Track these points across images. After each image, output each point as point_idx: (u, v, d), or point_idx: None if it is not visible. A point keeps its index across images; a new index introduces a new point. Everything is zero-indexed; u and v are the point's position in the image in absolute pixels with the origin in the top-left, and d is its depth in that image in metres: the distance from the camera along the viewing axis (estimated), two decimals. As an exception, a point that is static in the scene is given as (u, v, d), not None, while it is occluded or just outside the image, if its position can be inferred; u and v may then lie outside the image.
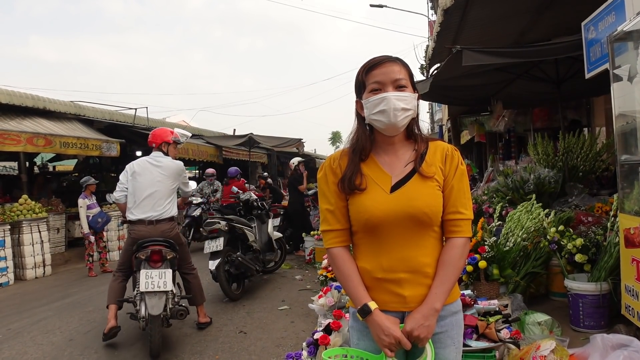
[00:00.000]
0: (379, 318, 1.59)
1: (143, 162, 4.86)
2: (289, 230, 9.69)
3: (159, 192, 4.71)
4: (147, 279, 4.31)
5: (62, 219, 10.49)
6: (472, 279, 4.22)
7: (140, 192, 4.70)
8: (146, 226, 4.62)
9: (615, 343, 2.91)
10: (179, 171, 4.92)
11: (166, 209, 4.73)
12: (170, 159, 4.92)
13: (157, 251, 4.46)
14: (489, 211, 5.75)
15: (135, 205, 4.69)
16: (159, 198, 4.69)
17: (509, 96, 8.71)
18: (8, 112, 9.72)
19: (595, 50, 4.28)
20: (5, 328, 5.57)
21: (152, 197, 4.67)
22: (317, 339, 3.13)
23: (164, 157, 4.90)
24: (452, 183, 1.68)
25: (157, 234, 4.61)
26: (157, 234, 4.61)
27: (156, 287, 4.29)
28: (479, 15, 6.10)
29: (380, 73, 1.65)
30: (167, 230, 4.69)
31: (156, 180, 4.72)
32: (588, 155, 6.33)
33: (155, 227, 4.63)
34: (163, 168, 4.80)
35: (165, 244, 4.57)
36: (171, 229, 4.74)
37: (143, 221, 4.63)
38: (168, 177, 4.79)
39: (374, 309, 1.61)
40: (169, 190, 4.79)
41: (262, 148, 17.71)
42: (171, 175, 4.81)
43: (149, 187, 4.69)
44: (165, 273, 4.39)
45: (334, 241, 1.74)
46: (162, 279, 4.35)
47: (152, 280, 4.32)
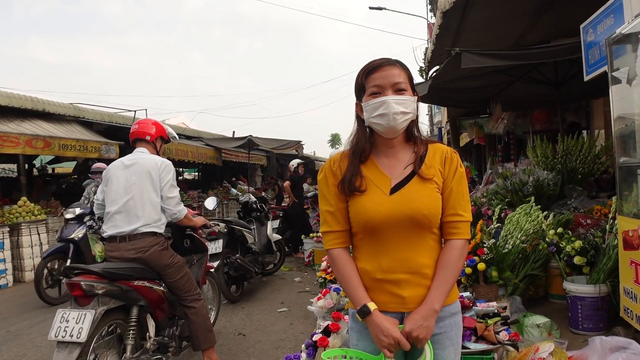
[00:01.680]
0: (378, 319, 1.60)
1: (120, 160, 3.86)
2: (288, 232, 9.68)
3: (133, 199, 3.59)
4: (61, 322, 3.06)
5: (61, 221, 10.46)
6: (471, 281, 4.22)
7: (112, 199, 3.66)
8: (118, 244, 3.53)
9: (613, 345, 2.91)
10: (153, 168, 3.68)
11: (146, 221, 3.56)
12: (152, 155, 3.85)
13: (75, 285, 3.15)
14: (488, 213, 5.76)
15: (107, 219, 3.67)
16: (133, 207, 3.57)
17: (508, 98, 8.73)
18: (7, 114, 9.72)
19: (594, 53, 4.29)
20: (4, 330, 5.57)
21: (124, 205, 3.58)
22: (316, 341, 3.13)
23: (145, 152, 3.83)
24: (451, 185, 1.69)
25: (128, 255, 3.49)
26: (128, 255, 3.49)
27: (67, 337, 3.00)
28: (478, 18, 6.11)
29: (380, 76, 1.66)
30: (143, 249, 3.50)
31: (129, 183, 3.63)
32: (587, 158, 6.34)
33: (128, 244, 3.51)
34: (136, 164, 3.70)
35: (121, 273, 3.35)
36: (148, 247, 3.52)
37: (114, 238, 3.56)
38: (143, 176, 3.65)
39: (373, 309, 1.61)
40: (151, 195, 3.63)
41: (261, 150, 17.73)
42: (146, 174, 3.65)
43: (122, 192, 3.63)
44: (85, 316, 3.05)
45: (333, 242, 1.74)
46: (79, 325, 3.03)
47: (67, 325, 3.04)
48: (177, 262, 3.72)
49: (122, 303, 3.37)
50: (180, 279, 3.71)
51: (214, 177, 18.33)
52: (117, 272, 3.33)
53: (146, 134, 3.86)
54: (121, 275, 3.35)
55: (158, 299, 3.64)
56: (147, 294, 3.52)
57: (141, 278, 3.49)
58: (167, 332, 3.75)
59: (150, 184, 3.63)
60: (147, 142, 3.87)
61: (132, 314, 3.41)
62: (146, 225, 3.55)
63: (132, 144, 3.91)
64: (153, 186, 3.64)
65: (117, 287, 3.29)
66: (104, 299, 3.23)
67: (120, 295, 3.33)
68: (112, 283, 3.27)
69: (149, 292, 3.53)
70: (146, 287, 3.50)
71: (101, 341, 3.27)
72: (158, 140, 3.97)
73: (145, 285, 3.49)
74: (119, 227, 3.56)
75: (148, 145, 3.88)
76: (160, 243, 3.63)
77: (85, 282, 3.17)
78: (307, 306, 4.43)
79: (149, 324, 3.60)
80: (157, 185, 3.65)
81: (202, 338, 3.76)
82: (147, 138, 3.87)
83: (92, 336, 3.10)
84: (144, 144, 3.86)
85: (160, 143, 4.02)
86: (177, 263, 3.72)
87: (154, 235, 3.59)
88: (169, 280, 3.67)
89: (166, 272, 3.64)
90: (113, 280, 3.28)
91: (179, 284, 3.71)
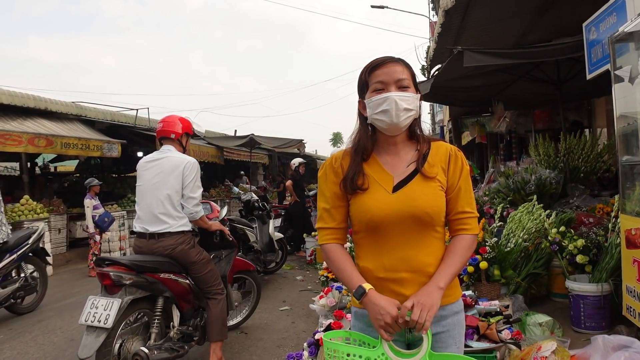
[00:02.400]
0: (374, 298, 1.57)
1: (146, 158, 3.94)
2: (290, 230, 9.69)
3: (157, 198, 3.70)
4: (91, 308, 3.28)
5: (63, 219, 10.50)
6: (473, 280, 4.22)
7: (140, 197, 3.83)
8: (147, 240, 3.69)
9: (616, 344, 2.91)
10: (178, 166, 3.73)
11: (171, 221, 3.68)
12: (177, 153, 3.88)
13: (105, 274, 3.39)
14: (490, 212, 5.75)
15: (136, 215, 3.84)
16: (158, 206, 3.68)
17: (510, 97, 8.71)
18: (10, 112, 9.74)
19: (596, 51, 4.28)
20: (7, 328, 5.58)
21: (150, 204, 3.71)
22: (318, 340, 3.14)
23: (172, 150, 3.87)
24: (459, 184, 1.69)
25: (157, 251, 3.66)
26: (157, 251, 3.66)
27: (95, 322, 3.21)
28: (480, 16, 6.10)
29: (384, 73, 1.66)
30: (171, 246, 3.66)
31: (154, 181, 3.74)
32: (589, 157, 6.33)
33: (156, 242, 3.66)
34: (162, 163, 3.78)
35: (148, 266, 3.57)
36: (175, 245, 3.67)
37: (143, 235, 3.71)
38: (168, 174, 3.72)
39: (369, 289, 1.59)
40: (175, 194, 3.71)
41: (263, 149, 17.72)
42: (171, 172, 3.72)
43: (148, 190, 3.75)
44: (113, 304, 3.27)
45: (327, 238, 1.75)
46: (107, 312, 3.24)
47: (96, 311, 3.26)
48: (203, 259, 3.86)
49: (148, 293, 3.58)
50: (205, 274, 3.87)
51: (215, 176, 18.34)
52: (144, 265, 3.53)
53: (171, 132, 3.90)
54: (148, 267, 3.55)
55: (183, 291, 3.80)
56: (173, 286, 3.69)
57: (167, 271, 3.67)
58: (192, 323, 3.92)
59: (173, 183, 3.70)
60: (172, 140, 3.92)
61: (157, 304, 3.62)
62: (172, 226, 3.67)
63: (159, 142, 3.99)
64: (176, 185, 3.71)
65: (144, 278, 3.50)
66: (131, 289, 3.45)
67: (146, 286, 3.53)
68: (139, 275, 3.48)
69: (174, 285, 3.70)
70: (172, 280, 3.68)
71: (128, 327, 3.52)
72: (184, 137, 3.99)
73: (170, 278, 3.68)
74: (145, 225, 3.70)
75: (174, 142, 3.92)
76: (187, 241, 3.74)
77: (114, 272, 3.39)
78: (309, 305, 4.43)
79: (174, 314, 3.80)
80: (179, 185, 3.71)
81: (216, 330, 3.86)
82: (172, 136, 3.91)
83: (119, 322, 3.32)
84: (170, 142, 3.92)
85: (187, 139, 4.04)
86: (203, 259, 3.86)
87: (181, 234, 3.71)
88: (195, 274, 3.83)
89: (192, 268, 3.81)
90: (140, 272, 3.49)
91: (204, 279, 3.86)
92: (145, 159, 3.91)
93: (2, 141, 8.29)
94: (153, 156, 3.88)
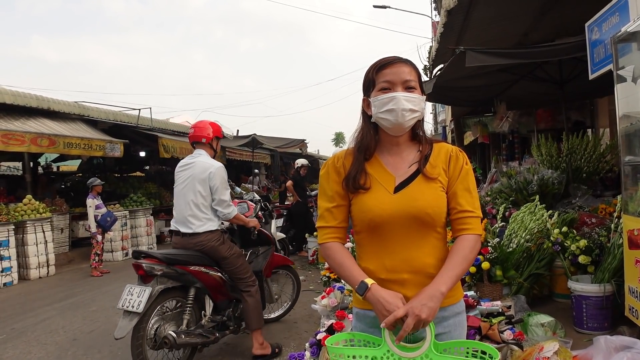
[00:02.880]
0: (378, 292, 1.56)
1: (181, 163, 4.25)
2: (292, 230, 9.69)
3: (187, 200, 4.01)
4: (127, 295, 3.69)
5: (66, 219, 10.53)
6: (475, 280, 4.22)
7: (175, 199, 4.17)
8: (181, 238, 4.04)
9: (618, 345, 2.90)
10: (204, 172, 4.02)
11: (198, 222, 3.98)
12: (206, 157, 4.15)
13: (139, 266, 3.77)
14: (493, 212, 5.75)
15: (174, 214, 4.18)
16: (187, 207, 4.00)
17: (513, 97, 8.70)
18: (12, 112, 9.76)
19: (599, 51, 4.27)
20: (9, 327, 5.60)
21: (181, 205, 4.05)
22: (320, 340, 3.14)
23: (202, 154, 4.16)
24: (457, 183, 1.68)
25: (190, 247, 3.99)
26: (189, 247, 3.99)
27: (129, 307, 3.61)
28: (483, 16, 6.10)
29: (391, 72, 1.66)
30: (201, 243, 3.98)
31: (184, 184, 4.07)
32: (592, 157, 6.32)
33: (188, 239, 3.99)
34: (192, 168, 4.08)
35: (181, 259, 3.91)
36: (205, 241, 3.98)
37: (177, 232, 4.07)
38: (195, 179, 4.02)
39: (371, 284, 1.58)
40: (201, 198, 4.00)
41: (265, 149, 17.73)
42: (198, 177, 4.02)
43: (180, 193, 4.09)
44: (145, 292, 3.66)
45: (327, 237, 1.74)
46: (139, 298, 3.63)
47: (131, 297, 3.66)
48: (233, 254, 4.14)
49: (179, 284, 3.93)
50: (236, 267, 4.15)
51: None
52: (174, 258, 3.89)
53: (202, 137, 4.19)
54: (178, 260, 3.89)
55: (214, 283, 4.10)
56: (203, 278, 4.01)
57: (197, 264, 3.98)
58: (226, 313, 4.24)
59: (201, 187, 4.00)
60: (204, 144, 4.21)
61: (189, 294, 3.97)
62: (199, 227, 3.98)
63: (192, 146, 4.29)
64: (203, 189, 4.01)
65: (174, 270, 3.85)
66: (162, 279, 3.81)
67: (176, 277, 3.88)
68: (170, 266, 3.83)
69: (205, 276, 4.01)
70: (201, 272, 3.98)
71: (165, 314, 3.88)
72: (214, 140, 4.27)
73: (201, 270, 3.98)
74: (178, 226, 4.06)
75: (205, 146, 4.22)
76: (216, 239, 4.04)
77: (147, 264, 3.77)
78: (310, 305, 4.43)
79: (206, 303, 4.14)
80: (207, 189, 4.02)
81: (254, 319, 4.17)
82: (203, 140, 4.20)
83: (152, 308, 3.70)
84: (201, 146, 4.21)
85: (217, 142, 4.32)
86: (233, 254, 4.14)
87: (210, 233, 4.01)
88: (227, 268, 4.13)
89: (224, 262, 4.11)
90: (170, 264, 3.84)
91: (236, 272, 4.15)
92: (180, 163, 4.24)
93: (5, 141, 8.32)
94: (186, 160, 4.21)
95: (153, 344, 3.75)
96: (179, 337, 3.72)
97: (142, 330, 3.64)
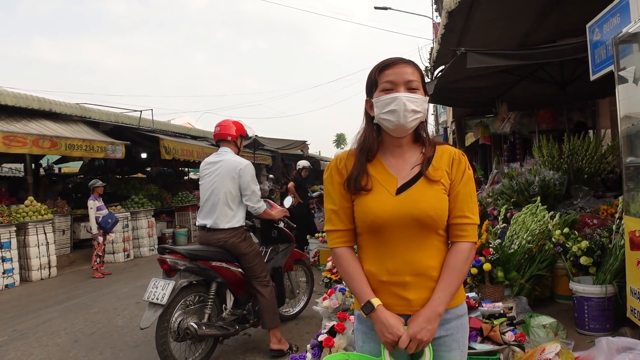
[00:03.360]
0: (383, 315, 1.59)
1: (207, 160, 4.42)
2: (294, 232, 9.66)
3: (214, 196, 4.17)
4: (153, 288, 3.90)
5: (67, 220, 10.55)
6: (476, 282, 4.21)
7: (202, 195, 4.31)
8: (206, 233, 4.21)
9: (620, 346, 2.90)
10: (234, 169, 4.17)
11: (224, 218, 4.15)
12: (233, 155, 4.32)
13: (163, 260, 3.98)
14: (494, 213, 5.74)
15: (199, 210, 4.35)
16: (214, 203, 4.16)
17: (514, 98, 8.69)
18: (14, 114, 9.78)
19: (600, 52, 4.27)
20: (11, 329, 5.60)
21: (208, 201, 4.21)
22: (322, 341, 3.13)
23: (228, 152, 4.33)
24: (458, 187, 1.68)
25: (213, 242, 4.17)
26: (213, 242, 4.17)
27: (154, 299, 3.82)
28: (484, 18, 6.09)
29: (394, 73, 1.66)
30: (223, 239, 4.15)
31: (213, 181, 4.21)
32: (593, 158, 6.31)
33: (212, 234, 4.17)
34: (220, 165, 4.23)
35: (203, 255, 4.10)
36: (228, 237, 4.15)
37: (203, 226, 4.23)
38: (225, 176, 4.18)
39: (377, 305, 1.61)
40: (229, 194, 4.16)
41: (266, 150, 17.75)
42: (227, 174, 4.17)
43: (207, 189, 4.24)
44: (168, 285, 3.85)
45: (337, 241, 1.74)
46: (163, 291, 3.84)
47: (156, 290, 3.87)
48: (252, 251, 4.31)
49: (202, 278, 4.12)
50: (254, 265, 4.30)
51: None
52: (196, 254, 4.09)
53: (227, 135, 4.36)
54: (200, 256, 4.09)
55: (235, 278, 4.28)
56: (224, 273, 4.18)
57: (219, 260, 4.16)
58: (247, 307, 4.43)
59: (230, 184, 4.17)
60: (229, 142, 4.38)
61: (211, 288, 4.15)
62: (224, 222, 4.15)
63: (217, 144, 4.48)
64: (232, 186, 4.17)
65: (196, 265, 4.04)
66: (185, 274, 4.00)
67: (198, 271, 4.06)
68: (192, 262, 4.02)
69: (226, 272, 4.19)
70: (223, 267, 4.17)
71: (188, 308, 4.05)
72: (238, 139, 4.44)
73: (222, 266, 4.17)
74: (205, 219, 4.22)
75: (230, 144, 4.38)
76: (238, 235, 4.22)
77: (171, 259, 3.97)
78: (312, 306, 4.42)
79: (227, 298, 4.32)
80: (236, 185, 4.18)
81: (269, 319, 4.32)
82: (228, 139, 4.37)
83: (175, 301, 3.90)
84: (227, 144, 4.38)
85: (240, 140, 4.48)
86: (252, 251, 4.31)
87: (234, 230, 4.19)
88: (245, 265, 4.28)
89: (243, 259, 4.26)
90: (193, 259, 4.04)
91: (253, 270, 4.30)
92: (206, 161, 4.41)
93: (6, 142, 8.33)
94: (212, 158, 4.37)
95: (176, 336, 3.92)
96: (200, 329, 3.89)
97: (166, 322, 3.83)
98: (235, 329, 4.22)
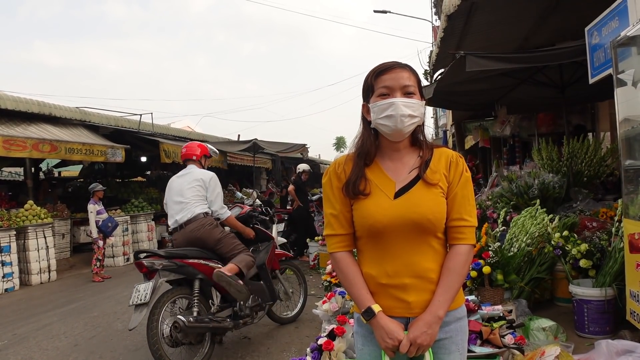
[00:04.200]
0: (383, 321, 1.60)
1: (175, 176, 4.85)
2: (293, 235, 9.68)
3: (182, 197, 4.56)
4: (135, 292, 4.01)
5: (67, 224, 10.55)
6: (476, 285, 4.21)
7: (169, 202, 4.67)
8: (179, 232, 4.50)
9: (620, 349, 2.90)
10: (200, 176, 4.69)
11: (193, 207, 4.51)
12: (201, 169, 4.84)
13: (140, 264, 4.09)
14: (493, 216, 5.74)
15: (169, 217, 4.65)
16: (186, 202, 4.53)
17: (513, 101, 8.70)
18: (14, 118, 9.80)
19: (598, 56, 4.28)
20: (11, 333, 5.60)
21: (177, 204, 4.56)
22: (321, 345, 3.14)
23: (194, 168, 4.81)
24: (456, 190, 1.68)
25: (188, 237, 4.42)
26: (188, 237, 4.42)
27: (137, 300, 3.93)
28: (483, 21, 6.11)
29: (390, 78, 1.66)
30: (196, 228, 4.43)
31: (180, 187, 4.62)
32: (592, 160, 6.31)
33: (185, 230, 4.46)
34: (191, 175, 4.70)
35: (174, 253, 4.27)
36: (200, 226, 4.45)
37: (176, 228, 4.53)
38: (191, 182, 4.62)
39: (378, 311, 1.62)
40: (197, 195, 4.58)
41: (266, 153, 17.73)
42: (194, 180, 4.64)
43: (178, 194, 4.60)
44: (149, 285, 3.99)
45: (337, 246, 1.75)
46: (145, 292, 3.96)
47: (138, 294, 3.98)
48: (226, 235, 4.62)
49: (182, 277, 4.24)
50: (232, 246, 4.56)
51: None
52: (173, 253, 4.28)
53: (192, 155, 4.90)
54: (176, 254, 4.25)
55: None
56: (203, 269, 4.28)
57: (196, 257, 4.30)
58: (237, 303, 4.48)
59: (198, 186, 4.62)
60: (194, 161, 4.89)
61: (194, 286, 4.24)
62: (195, 207, 4.49)
63: (183, 163, 4.99)
64: (201, 187, 4.62)
65: (173, 263, 4.15)
66: (164, 273, 4.11)
67: (176, 269, 4.17)
68: (169, 260, 4.14)
69: (204, 267, 4.29)
70: (201, 264, 4.29)
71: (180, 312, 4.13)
72: (203, 158, 4.96)
73: (200, 263, 4.29)
74: (177, 219, 4.51)
75: (195, 162, 4.89)
76: (209, 222, 4.52)
77: (147, 260, 4.07)
78: (312, 309, 4.43)
79: (213, 294, 4.44)
80: (204, 188, 4.63)
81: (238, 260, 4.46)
82: (193, 158, 4.89)
83: (160, 302, 3.99)
84: (192, 162, 4.88)
85: (205, 160, 5.00)
86: (226, 235, 4.62)
87: (203, 216, 4.51)
88: (224, 250, 4.51)
89: (219, 246, 4.50)
90: (169, 258, 4.16)
91: (232, 249, 4.54)
92: (174, 176, 4.85)
93: (6, 146, 8.34)
94: (180, 173, 4.83)
95: (169, 341, 3.98)
96: (188, 321, 3.93)
97: (155, 323, 3.89)
98: (227, 323, 4.30)
